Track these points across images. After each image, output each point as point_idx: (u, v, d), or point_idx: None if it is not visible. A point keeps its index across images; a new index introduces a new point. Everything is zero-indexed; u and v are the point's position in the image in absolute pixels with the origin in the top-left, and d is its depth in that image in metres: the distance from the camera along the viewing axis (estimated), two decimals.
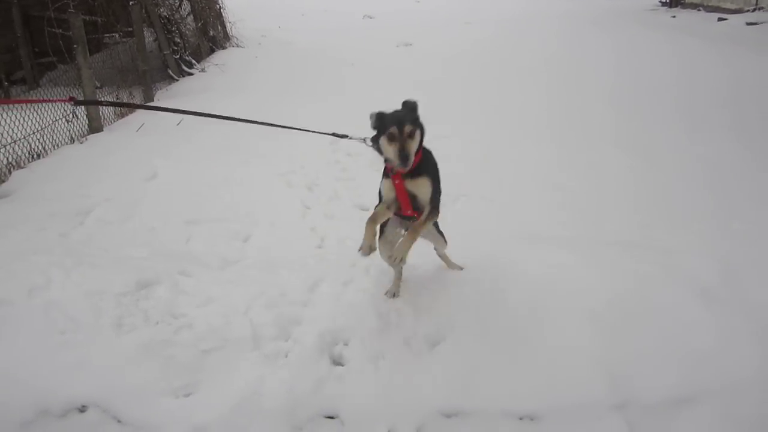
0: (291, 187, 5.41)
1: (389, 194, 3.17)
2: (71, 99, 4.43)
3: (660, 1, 21.70)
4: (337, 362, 3.10)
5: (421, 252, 3.86)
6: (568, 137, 6.80)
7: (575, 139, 6.76)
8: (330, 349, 3.16)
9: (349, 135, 3.57)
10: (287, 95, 8.96)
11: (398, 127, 2.93)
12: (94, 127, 7.22)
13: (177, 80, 10.74)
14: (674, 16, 18.42)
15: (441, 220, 3.50)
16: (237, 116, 3.77)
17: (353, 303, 3.47)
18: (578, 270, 3.72)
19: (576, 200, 5.15)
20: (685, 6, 20.26)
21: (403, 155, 2.91)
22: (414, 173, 3.07)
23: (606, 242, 4.33)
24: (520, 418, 2.79)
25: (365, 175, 5.72)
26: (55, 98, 5.00)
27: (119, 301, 3.44)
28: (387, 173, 3.17)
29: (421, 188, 3.11)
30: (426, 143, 3.15)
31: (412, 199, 3.13)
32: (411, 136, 2.95)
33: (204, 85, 10.16)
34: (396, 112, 3.05)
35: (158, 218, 4.68)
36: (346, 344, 3.19)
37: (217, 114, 3.76)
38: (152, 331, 3.22)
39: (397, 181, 3.10)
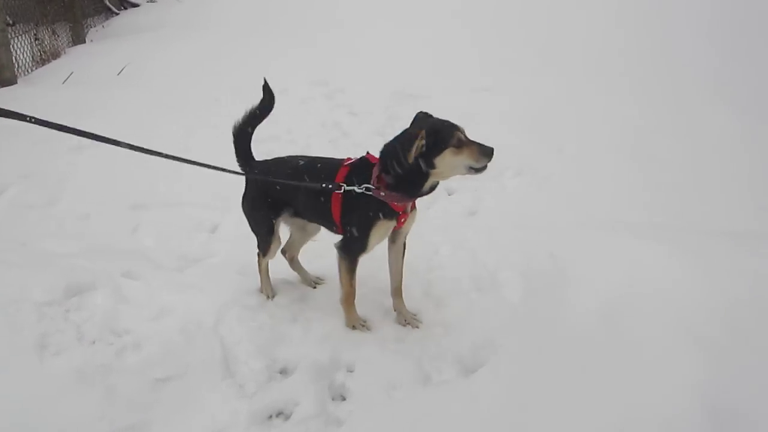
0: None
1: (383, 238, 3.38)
2: None
3: None
4: (338, 395, 3.13)
5: (450, 251, 3.88)
6: (655, 88, 6.75)
7: (665, 91, 6.70)
8: (329, 376, 3.19)
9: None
10: (259, 35, 8.93)
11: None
12: (6, 78, 7.28)
13: (117, 14, 10.79)
14: None
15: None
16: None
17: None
18: (670, 268, 3.69)
19: (666, 176, 5.12)
20: None
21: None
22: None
23: (708, 232, 4.29)
24: None
25: (373, 143, 5.70)
26: None
27: (42, 312, 3.47)
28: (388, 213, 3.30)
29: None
30: (462, 95, 3.20)
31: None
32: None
33: (154, 21, 10.20)
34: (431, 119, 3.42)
35: (92, 201, 4.71)
36: (350, 371, 3.22)
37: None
38: (87, 353, 3.26)
39: (403, 220, 3.37)
